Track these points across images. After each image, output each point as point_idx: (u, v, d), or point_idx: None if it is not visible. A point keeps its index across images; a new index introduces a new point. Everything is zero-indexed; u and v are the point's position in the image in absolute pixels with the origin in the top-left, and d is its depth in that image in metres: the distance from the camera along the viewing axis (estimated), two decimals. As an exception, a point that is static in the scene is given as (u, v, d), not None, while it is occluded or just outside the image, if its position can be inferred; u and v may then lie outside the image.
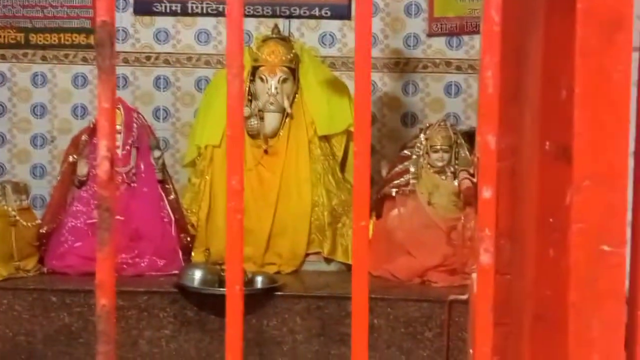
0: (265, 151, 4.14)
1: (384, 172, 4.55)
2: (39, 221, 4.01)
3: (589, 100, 0.91)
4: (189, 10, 4.72)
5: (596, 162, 0.90)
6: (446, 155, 4.03)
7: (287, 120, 4.16)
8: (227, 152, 0.96)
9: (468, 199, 1.47)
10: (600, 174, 0.90)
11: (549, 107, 1.03)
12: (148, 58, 4.75)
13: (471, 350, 1.44)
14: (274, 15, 4.64)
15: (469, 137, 4.22)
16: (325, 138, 4.22)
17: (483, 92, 0.91)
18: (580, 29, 0.91)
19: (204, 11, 4.72)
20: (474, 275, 1.51)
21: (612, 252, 0.90)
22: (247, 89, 4.21)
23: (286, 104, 4.13)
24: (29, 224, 3.94)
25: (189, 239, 4.13)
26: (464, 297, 1.70)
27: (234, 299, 0.94)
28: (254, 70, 4.19)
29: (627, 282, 0.92)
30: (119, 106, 4.15)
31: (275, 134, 4.14)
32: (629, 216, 0.92)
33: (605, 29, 0.90)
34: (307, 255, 4.11)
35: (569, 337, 0.90)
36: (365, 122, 0.95)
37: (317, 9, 4.68)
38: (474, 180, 1.51)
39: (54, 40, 4.73)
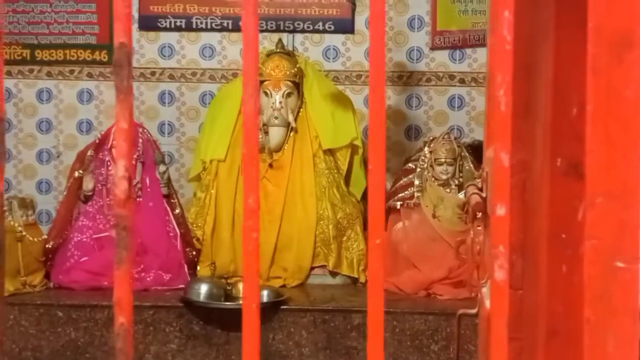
0: (270, 165, 4.16)
1: (388, 186, 4.56)
2: (45, 236, 4.03)
3: (600, 117, 0.92)
4: (194, 26, 4.75)
5: (609, 179, 0.91)
6: (450, 168, 4.05)
7: (291, 134, 4.18)
8: (244, 171, 0.97)
9: (477, 214, 1.48)
10: (613, 191, 0.91)
11: (560, 123, 1.04)
12: (153, 73, 4.78)
13: (482, 365, 1.45)
14: (277, 30, 4.67)
15: (473, 149, 4.23)
16: (330, 152, 4.23)
17: (496, 110, 0.92)
18: (591, 47, 0.93)
19: (209, 26, 4.74)
20: (485, 290, 1.52)
21: (625, 268, 0.91)
22: (251, 103, 4.23)
23: (290, 118, 4.15)
24: (35, 239, 3.95)
25: (194, 253, 4.14)
26: (473, 311, 1.70)
27: (251, 316, 0.95)
28: (259, 84, 4.21)
29: (640, 298, 0.93)
30: (124, 121, 4.17)
31: (279, 148, 4.16)
32: (641, 232, 0.93)
33: (616, 47, 0.91)
34: (312, 268, 4.12)
35: (584, 352, 0.91)
36: (379, 140, 0.96)
37: (320, 23, 4.71)
38: (483, 195, 1.52)
39: (60, 56, 4.76)
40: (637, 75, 0.91)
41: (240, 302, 3.72)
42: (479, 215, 1.63)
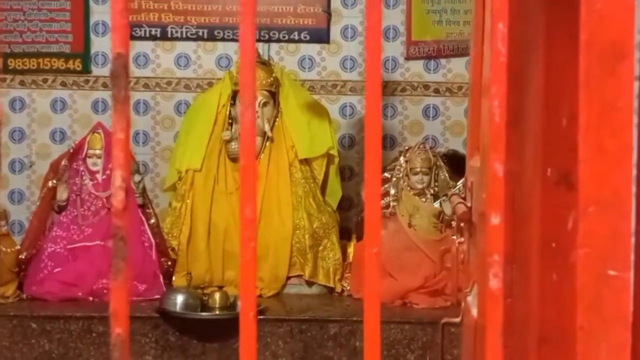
0: (246, 175, 4.15)
1: (364, 195, 4.57)
2: (18, 247, 3.98)
3: (593, 128, 0.94)
4: (169, 35, 4.74)
5: (601, 188, 0.93)
6: (426, 178, 4.08)
7: (267, 144, 4.19)
8: (241, 181, 0.97)
9: (464, 222, 1.49)
10: (605, 200, 0.92)
11: (550, 134, 1.05)
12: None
13: (469, 373, 1.46)
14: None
15: (448, 159, 4.27)
16: (306, 161, 4.24)
17: (491, 121, 0.93)
18: (583, 59, 0.94)
19: (184, 36, 4.74)
20: (470, 298, 1.53)
21: (617, 276, 0.92)
22: (227, 112, 4.24)
23: (267, 127, 4.16)
24: (8, 250, 3.91)
25: (169, 263, 4.12)
26: (457, 319, 1.72)
27: (247, 326, 0.95)
28: (235, 94, 4.22)
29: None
30: (99, 131, 4.16)
31: (256, 158, 4.15)
32: (632, 241, 0.94)
33: (608, 59, 0.93)
34: (288, 278, 4.12)
35: (577, 359, 0.92)
36: (375, 150, 0.97)
37: (296, 33, 4.72)
38: (468, 204, 1.54)
39: (33, 65, 4.72)
40: (629, 86, 0.92)
41: (217, 312, 3.72)
42: (462, 224, 1.65)
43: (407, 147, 4.24)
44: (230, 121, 4.23)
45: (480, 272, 1.29)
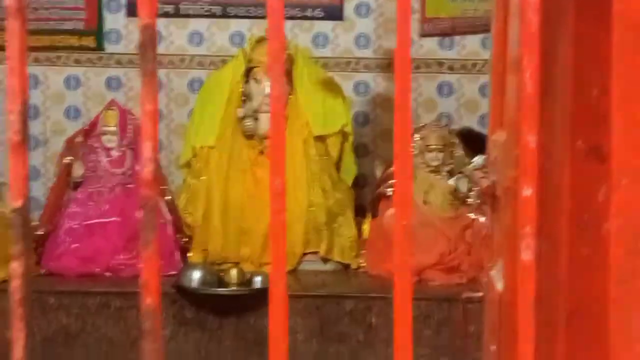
0: (261, 152, 4.16)
1: (378, 172, 4.58)
2: (35, 223, 4.01)
3: (625, 100, 0.93)
4: (182, 12, 4.72)
5: (634, 160, 0.92)
6: (441, 155, 4.08)
7: (282, 121, 4.18)
8: (270, 154, 0.97)
9: (487, 197, 1.49)
10: (638, 172, 0.92)
11: (580, 106, 1.05)
12: (141, 59, 4.74)
13: (493, 347, 1.46)
14: (266, 17, 4.64)
15: (463, 136, 4.26)
16: (320, 138, 4.23)
17: (522, 93, 0.93)
18: (616, 30, 0.94)
19: (197, 13, 4.72)
20: (493, 273, 1.53)
21: (650, 248, 0.92)
22: (241, 90, 4.23)
23: (281, 104, 4.15)
24: (25, 227, 3.92)
25: (185, 239, 4.13)
26: (478, 294, 1.72)
27: (278, 297, 0.95)
28: (248, 71, 4.21)
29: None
30: (113, 107, 4.17)
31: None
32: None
33: (641, 30, 0.93)
34: (304, 255, 4.13)
35: (609, 331, 0.92)
36: (405, 124, 0.96)
37: (310, 10, 4.70)
38: (492, 178, 1.53)
39: (46, 42, 4.72)
40: (663, 58, 0.92)
41: (233, 288, 3.74)
42: (484, 199, 1.64)
43: (422, 125, 4.23)
44: (244, 98, 4.22)
45: (507, 246, 1.29)
